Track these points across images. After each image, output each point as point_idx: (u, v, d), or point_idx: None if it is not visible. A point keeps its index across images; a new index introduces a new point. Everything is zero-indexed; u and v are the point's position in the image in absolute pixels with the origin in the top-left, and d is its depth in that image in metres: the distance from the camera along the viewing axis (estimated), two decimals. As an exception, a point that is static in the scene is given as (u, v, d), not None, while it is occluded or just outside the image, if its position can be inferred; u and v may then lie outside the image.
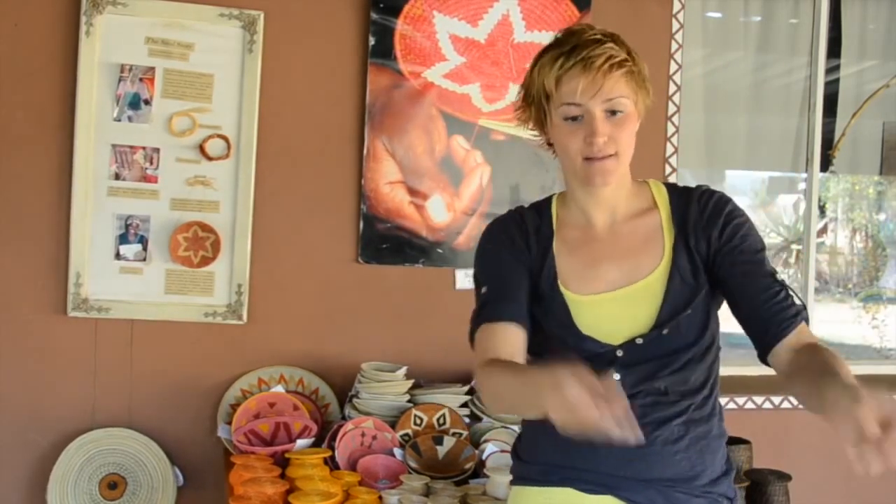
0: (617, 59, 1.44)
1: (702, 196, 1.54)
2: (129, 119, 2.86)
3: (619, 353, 1.49)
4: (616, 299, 1.50)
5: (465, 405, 2.92)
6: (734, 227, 1.50)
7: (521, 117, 1.59)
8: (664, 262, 1.50)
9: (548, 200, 1.64)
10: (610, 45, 1.45)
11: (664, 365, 1.49)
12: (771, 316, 1.44)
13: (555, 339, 1.53)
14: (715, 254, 1.49)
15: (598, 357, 1.49)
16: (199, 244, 2.89)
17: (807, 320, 1.46)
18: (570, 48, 1.45)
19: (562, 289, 1.53)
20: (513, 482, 1.66)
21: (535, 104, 1.53)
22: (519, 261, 1.56)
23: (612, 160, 1.47)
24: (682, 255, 1.50)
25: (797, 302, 1.46)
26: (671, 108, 3.29)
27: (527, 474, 1.61)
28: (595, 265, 1.53)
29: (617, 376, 1.48)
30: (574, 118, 1.46)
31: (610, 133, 1.45)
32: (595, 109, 1.44)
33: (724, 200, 1.54)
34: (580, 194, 1.56)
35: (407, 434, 2.78)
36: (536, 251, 1.57)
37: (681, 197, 1.56)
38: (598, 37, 1.46)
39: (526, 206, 1.66)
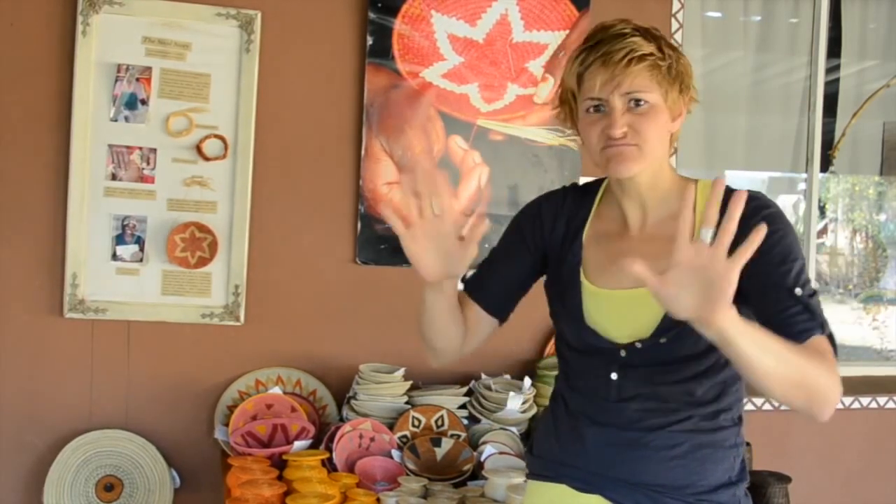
0: (638, 53, 1.42)
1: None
2: (126, 119, 2.84)
3: (622, 353, 1.48)
4: (629, 298, 1.47)
5: (463, 407, 2.90)
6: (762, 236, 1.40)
7: (559, 116, 1.58)
8: None
9: (599, 183, 1.63)
10: (635, 39, 1.43)
11: (666, 373, 1.46)
12: (781, 331, 1.31)
13: (563, 324, 1.54)
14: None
15: (600, 352, 1.49)
16: (196, 245, 2.88)
17: (829, 336, 1.35)
18: (594, 44, 1.46)
19: (582, 278, 1.53)
20: (527, 476, 1.70)
21: (567, 102, 1.54)
22: (527, 249, 1.61)
23: (632, 148, 1.44)
24: None
25: (817, 318, 1.35)
26: (670, 108, 3.28)
27: (532, 468, 1.66)
28: (617, 263, 1.50)
29: (615, 376, 1.48)
30: (596, 108, 1.46)
31: (631, 123, 1.43)
32: (615, 102, 1.43)
33: (761, 207, 1.41)
34: (615, 188, 1.55)
35: (405, 436, 2.77)
36: (564, 235, 1.58)
37: (723, 200, 1.47)
38: (625, 31, 1.45)
39: (580, 183, 1.66)
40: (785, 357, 1.24)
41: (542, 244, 1.61)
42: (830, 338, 1.36)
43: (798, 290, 1.36)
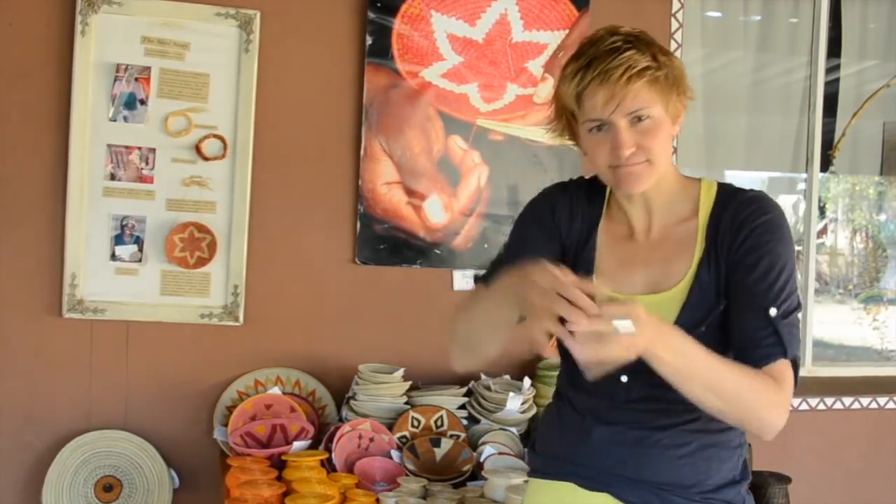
0: (636, 69, 1.37)
1: (740, 204, 1.46)
2: (125, 119, 2.84)
3: None
4: (642, 304, 1.46)
5: (462, 407, 2.90)
6: (753, 244, 1.42)
7: (555, 129, 1.54)
8: (689, 276, 1.45)
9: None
10: (629, 53, 1.38)
11: None
12: (746, 352, 1.38)
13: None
14: (728, 266, 1.43)
15: None
16: (195, 245, 2.87)
17: (793, 361, 1.38)
18: (588, 61, 1.40)
19: (594, 280, 1.50)
20: (529, 474, 1.69)
21: (564, 117, 1.50)
22: (549, 239, 1.56)
23: (642, 165, 1.42)
24: (707, 269, 1.45)
25: (784, 342, 1.37)
26: (670, 108, 3.27)
27: (536, 466, 1.65)
28: (627, 267, 1.51)
29: (624, 378, 1.47)
30: (599, 128, 1.43)
31: (637, 141, 1.41)
32: (618, 121, 1.40)
33: (759, 212, 1.44)
34: (620, 195, 1.53)
35: (404, 436, 2.76)
36: (580, 230, 1.55)
37: (726, 202, 1.48)
38: (618, 44, 1.40)
39: (588, 177, 1.61)
40: (716, 388, 1.32)
41: (559, 238, 1.57)
42: (794, 362, 1.39)
43: (773, 311, 1.38)
